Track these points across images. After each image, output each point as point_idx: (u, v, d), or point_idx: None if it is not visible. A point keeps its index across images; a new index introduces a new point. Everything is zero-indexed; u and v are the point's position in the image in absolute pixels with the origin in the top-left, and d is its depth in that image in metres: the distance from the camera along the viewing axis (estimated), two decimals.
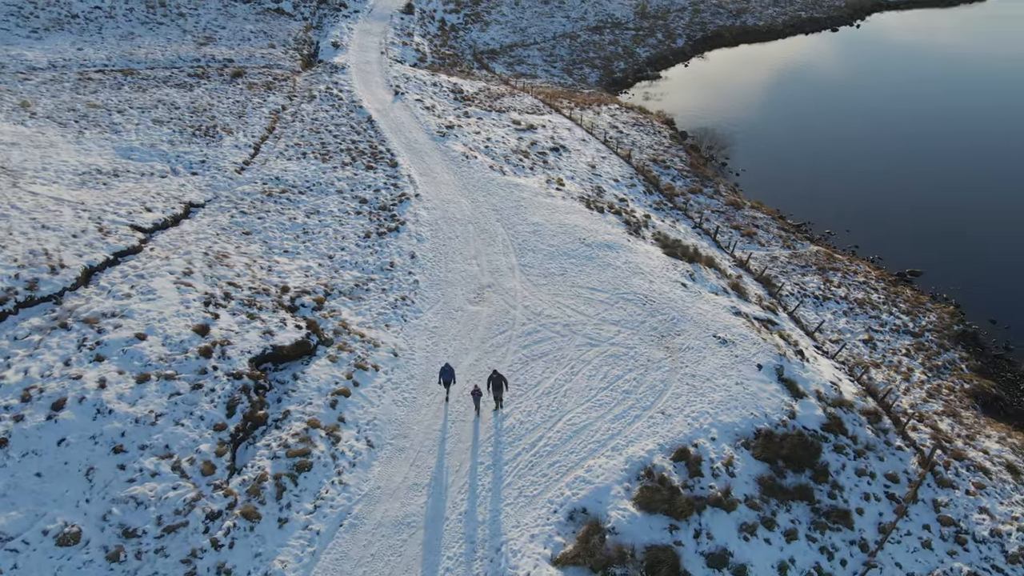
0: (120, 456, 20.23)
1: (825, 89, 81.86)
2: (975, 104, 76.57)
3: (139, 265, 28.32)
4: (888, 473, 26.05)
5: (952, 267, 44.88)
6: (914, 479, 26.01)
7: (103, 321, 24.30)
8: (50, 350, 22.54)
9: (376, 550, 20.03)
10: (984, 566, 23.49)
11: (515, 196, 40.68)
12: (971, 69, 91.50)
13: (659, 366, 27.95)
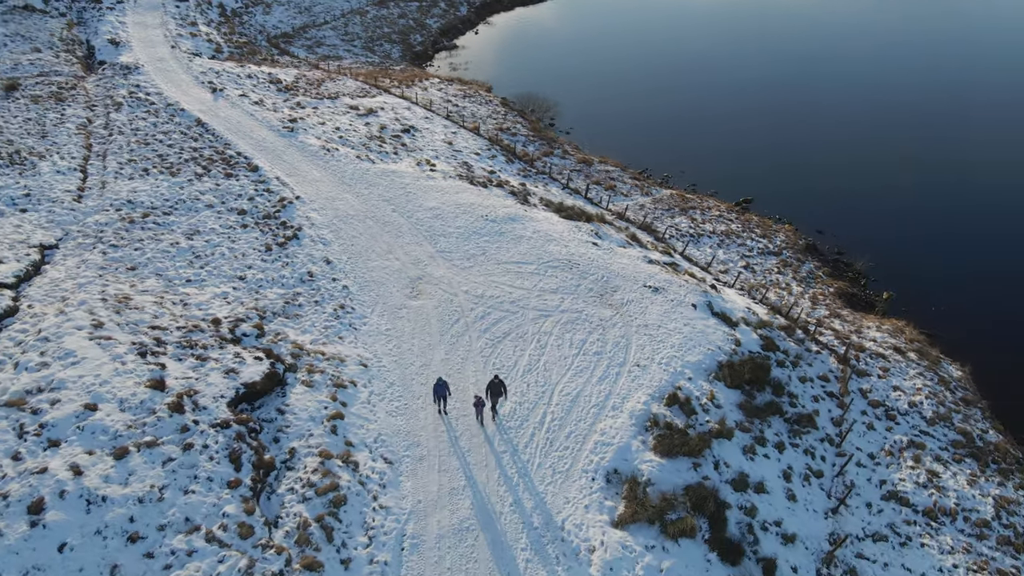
0: (141, 544, 17.60)
1: (617, 41, 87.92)
2: (763, 42, 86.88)
3: (29, 328, 24.03)
4: (820, 375, 30.20)
5: (775, 189, 51.62)
6: (839, 376, 30.41)
7: (32, 400, 20.52)
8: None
9: (450, 562, 19.57)
10: (914, 432, 28.39)
11: (397, 184, 39.69)
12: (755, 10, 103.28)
13: (613, 323, 29.55)
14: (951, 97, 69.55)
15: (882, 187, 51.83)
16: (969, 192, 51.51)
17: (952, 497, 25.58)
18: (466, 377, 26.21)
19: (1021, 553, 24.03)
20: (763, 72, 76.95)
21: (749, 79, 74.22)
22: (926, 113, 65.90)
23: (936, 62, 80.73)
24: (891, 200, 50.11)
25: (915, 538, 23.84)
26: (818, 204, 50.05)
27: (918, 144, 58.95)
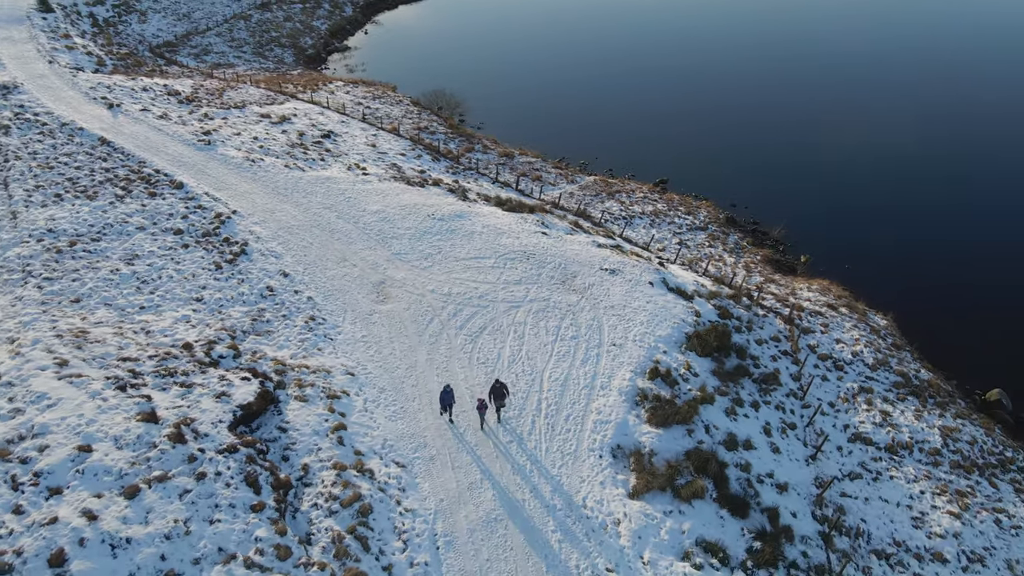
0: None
1: (509, 34, 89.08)
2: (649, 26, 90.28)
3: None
4: (772, 336, 32.53)
5: (685, 168, 54.45)
6: (788, 335, 32.88)
7: (16, 449, 19.12)
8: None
9: (487, 554, 19.93)
10: (861, 379, 31.20)
11: (335, 190, 39.04)
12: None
13: (581, 307, 30.61)
14: (840, 66, 75.55)
15: (785, 159, 55.81)
16: (863, 157, 56.33)
17: (905, 432, 28.42)
18: (455, 374, 26.45)
19: (971, 473, 27.08)
20: (660, 55, 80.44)
21: (648, 64, 77.43)
22: (818, 87, 71.27)
23: (828, 35, 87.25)
24: (794, 170, 54.07)
25: (884, 472, 26.37)
26: (728, 179, 53.20)
27: (811, 116, 63.80)
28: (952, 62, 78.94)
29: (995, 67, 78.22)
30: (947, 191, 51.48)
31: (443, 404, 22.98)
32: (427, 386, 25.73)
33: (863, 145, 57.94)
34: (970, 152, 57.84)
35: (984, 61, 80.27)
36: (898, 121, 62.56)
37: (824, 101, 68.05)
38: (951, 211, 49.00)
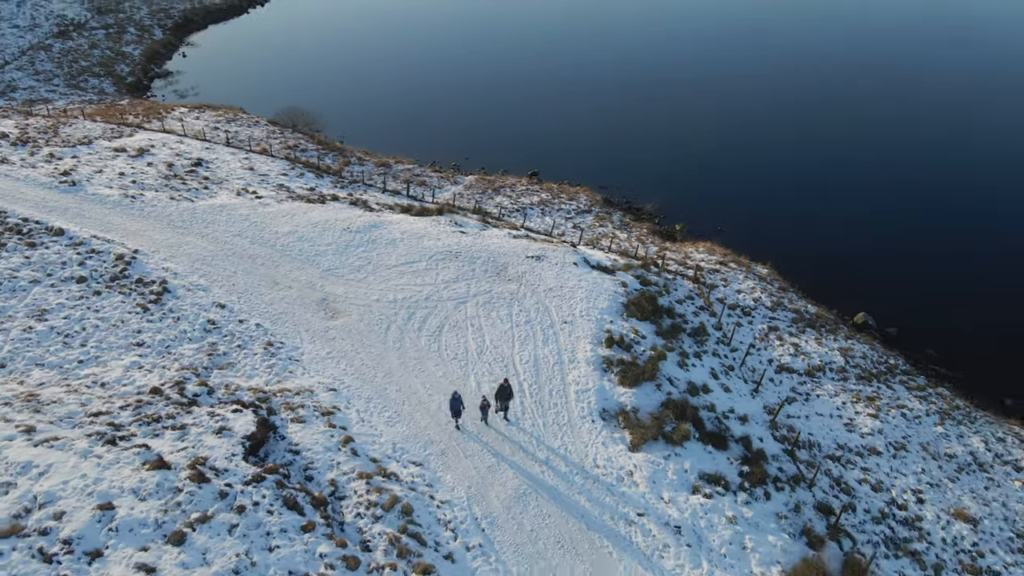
0: None
1: (336, 44, 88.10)
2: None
3: None
4: (686, 296, 36.29)
5: (552, 158, 57.82)
6: (698, 293, 36.82)
7: (30, 522, 17.77)
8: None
9: (530, 525, 21.28)
10: (767, 320, 35.76)
11: (236, 216, 37.81)
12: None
13: (522, 294, 32.48)
14: (676, 42, 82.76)
15: (640, 138, 60.95)
16: (710, 127, 62.79)
17: (815, 357, 33.17)
18: (432, 373, 27.26)
19: (871, 381, 32.27)
20: (501, 52, 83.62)
21: (491, 61, 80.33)
22: (661, 66, 77.73)
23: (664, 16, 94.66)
24: (651, 147, 59.30)
25: (811, 393, 30.76)
26: (592, 163, 57.25)
27: (656, 94, 69.81)
28: (789, 45, 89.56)
29: (822, 37, 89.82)
30: (785, 152, 59.01)
31: (452, 411, 23.67)
32: (410, 388, 26.35)
33: (709, 118, 64.65)
34: (796, 117, 66.51)
35: (824, 42, 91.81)
36: (738, 93, 70.34)
37: (664, 79, 74.65)
38: (792, 167, 56.37)
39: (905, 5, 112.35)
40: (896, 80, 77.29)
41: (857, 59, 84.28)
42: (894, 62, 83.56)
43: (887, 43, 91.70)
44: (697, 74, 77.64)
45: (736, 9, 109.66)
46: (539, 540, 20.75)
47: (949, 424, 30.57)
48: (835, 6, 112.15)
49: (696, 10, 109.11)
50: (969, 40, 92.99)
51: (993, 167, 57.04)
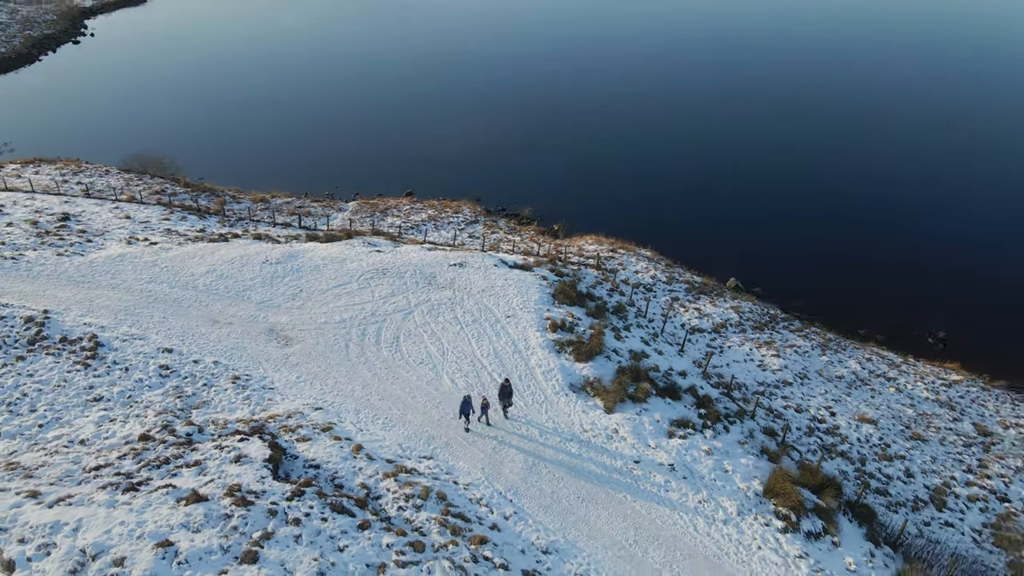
0: None
1: (162, 78, 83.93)
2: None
3: None
4: (596, 281, 40.17)
5: (422, 177, 60.09)
6: (604, 278, 40.90)
7: (90, 574, 17.65)
8: None
9: (550, 488, 23.57)
10: (668, 292, 40.51)
11: (142, 263, 36.52)
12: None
13: (460, 298, 34.68)
14: (531, 53, 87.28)
15: (498, 148, 64.73)
16: (562, 125, 67.84)
17: (716, 317, 38.30)
18: (406, 378, 28.66)
19: (763, 330, 37.87)
20: (341, 77, 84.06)
21: (333, 85, 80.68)
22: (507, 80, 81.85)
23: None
24: (510, 157, 63.27)
25: (724, 345, 35.64)
26: (461, 176, 60.20)
27: (511, 101, 73.94)
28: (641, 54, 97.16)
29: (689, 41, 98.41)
30: (645, 147, 65.39)
31: (463, 412, 25.21)
32: (391, 395, 27.63)
33: (563, 123, 69.86)
34: (632, 113, 73.55)
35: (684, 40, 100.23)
36: (589, 95, 76.29)
37: (521, 92, 79.19)
38: (650, 157, 62.74)
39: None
40: (732, 81, 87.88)
41: (693, 64, 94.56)
42: (713, 65, 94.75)
43: (735, 50, 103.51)
44: (550, 81, 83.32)
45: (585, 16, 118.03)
46: (561, 499, 23.14)
47: (830, 354, 36.76)
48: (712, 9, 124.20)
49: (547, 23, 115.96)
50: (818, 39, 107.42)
51: (811, 156, 67.25)
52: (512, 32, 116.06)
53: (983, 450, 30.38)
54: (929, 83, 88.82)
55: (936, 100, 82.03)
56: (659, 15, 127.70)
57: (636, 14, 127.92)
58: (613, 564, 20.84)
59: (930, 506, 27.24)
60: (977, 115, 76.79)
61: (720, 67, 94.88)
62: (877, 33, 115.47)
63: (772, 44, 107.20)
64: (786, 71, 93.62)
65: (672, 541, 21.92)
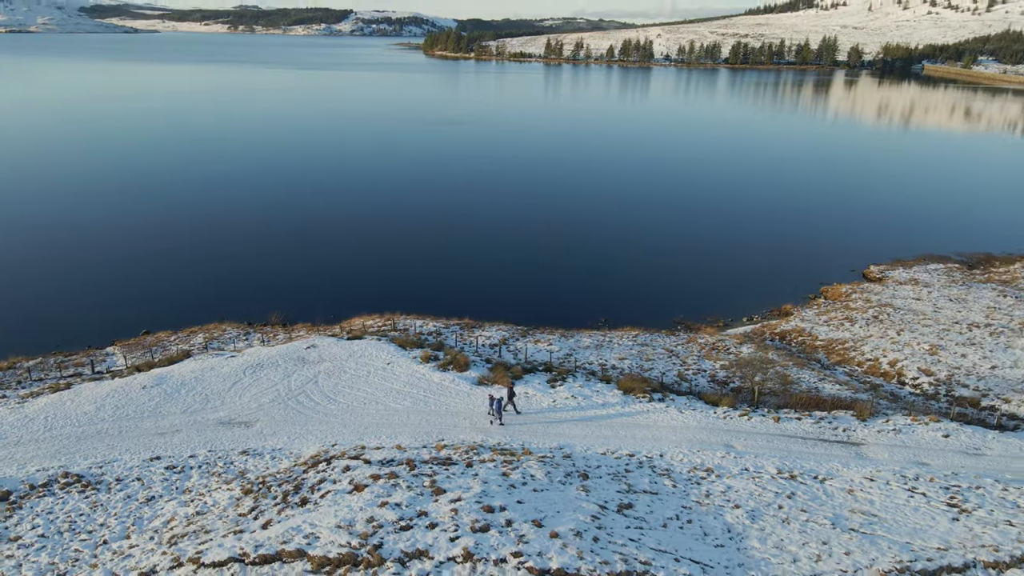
0: None
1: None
2: None
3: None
4: (412, 334, 53.04)
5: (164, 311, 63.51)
6: (405, 331, 53.98)
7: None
8: None
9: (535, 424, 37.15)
10: (456, 330, 55.51)
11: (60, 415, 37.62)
12: None
13: (342, 363, 44.82)
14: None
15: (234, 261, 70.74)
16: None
17: (494, 336, 54.64)
18: (368, 413, 38.51)
19: (528, 334, 55.53)
20: None
21: None
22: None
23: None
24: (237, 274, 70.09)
25: (529, 343, 52.17)
26: (197, 301, 65.18)
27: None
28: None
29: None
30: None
31: (496, 409, 36.39)
32: (374, 424, 37.36)
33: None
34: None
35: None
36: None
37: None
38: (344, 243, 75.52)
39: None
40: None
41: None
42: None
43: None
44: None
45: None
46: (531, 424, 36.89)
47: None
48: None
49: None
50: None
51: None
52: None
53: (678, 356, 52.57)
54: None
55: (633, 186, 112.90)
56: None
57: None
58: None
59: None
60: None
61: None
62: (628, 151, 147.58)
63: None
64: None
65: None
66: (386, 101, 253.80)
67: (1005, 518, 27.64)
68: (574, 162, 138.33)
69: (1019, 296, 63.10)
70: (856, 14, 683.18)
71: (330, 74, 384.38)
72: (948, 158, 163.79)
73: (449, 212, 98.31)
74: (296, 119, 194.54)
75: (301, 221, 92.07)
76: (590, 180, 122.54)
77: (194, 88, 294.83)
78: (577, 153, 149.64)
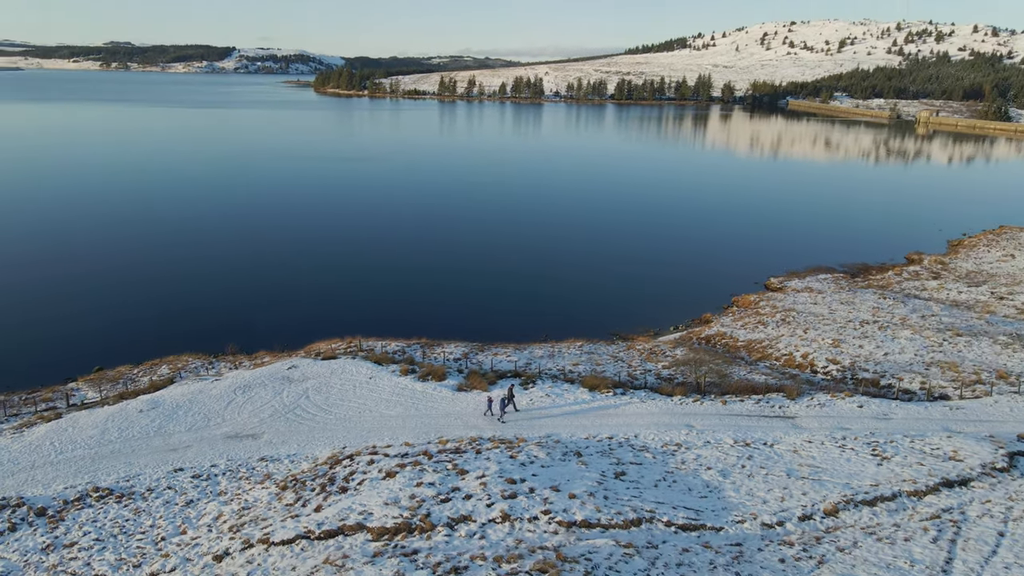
0: None
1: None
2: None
3: None
4: (378, 352, 56.50)
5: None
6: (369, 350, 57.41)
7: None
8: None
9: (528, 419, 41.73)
10: (421, 348, 59.45)
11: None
12: None
13: (326, 380, 48.00)
14: None
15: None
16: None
17: (454, 351, 58.90)
18: (365, 419, 42.00)
19: (486, 348, 60.11)
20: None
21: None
22: None
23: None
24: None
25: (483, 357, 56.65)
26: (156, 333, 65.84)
27: None
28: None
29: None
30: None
31: (500, 406, 40.61)
32: (378, 427, 40.88)
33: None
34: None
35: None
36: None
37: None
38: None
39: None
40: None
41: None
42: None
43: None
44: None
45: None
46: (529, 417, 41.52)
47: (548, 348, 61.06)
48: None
49: None
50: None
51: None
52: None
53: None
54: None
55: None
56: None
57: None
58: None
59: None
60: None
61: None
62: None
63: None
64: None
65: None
66: (298, 135, 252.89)
67: (916, 461, 34.62)
68: (499, 195, 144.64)
69: (896, 297, 73.32)
70: (725, 54, 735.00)
71: (228, 112, 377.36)
72: (818, 182, 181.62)
73: (392, 239, 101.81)
74: (206, 157, 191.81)
75: (240, 255, 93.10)
76: (516, 209, 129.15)
77: (89, 125, 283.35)
78: (500, 185, 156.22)
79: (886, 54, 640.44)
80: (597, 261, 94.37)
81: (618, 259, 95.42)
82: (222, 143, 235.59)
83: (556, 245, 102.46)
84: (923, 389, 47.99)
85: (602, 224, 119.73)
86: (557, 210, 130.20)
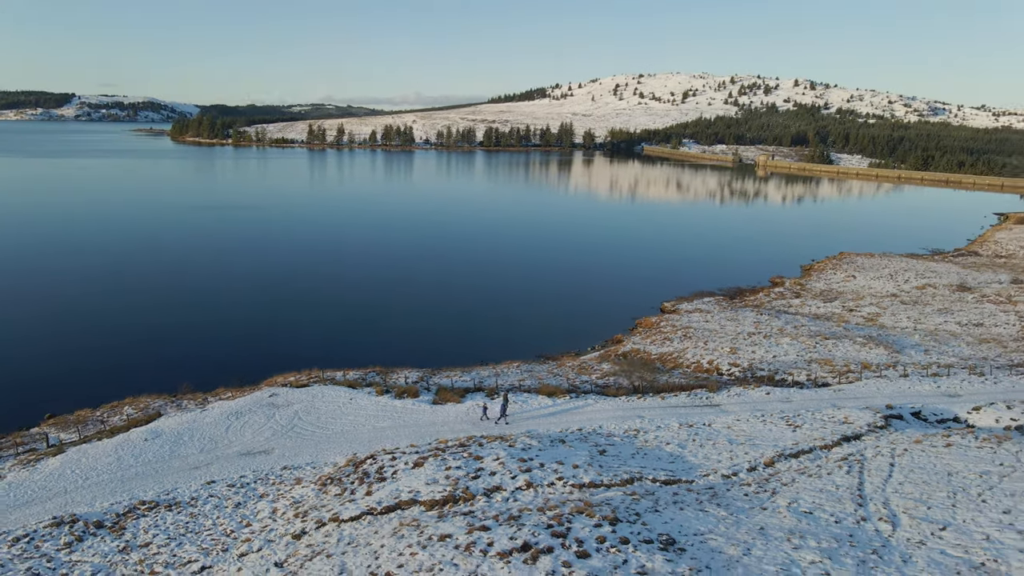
0: None
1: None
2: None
3: None
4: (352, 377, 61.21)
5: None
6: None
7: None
8: None
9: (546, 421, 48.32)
10: (415, 373, 64.56)
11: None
12: None
13: (310, 404, 52.63)
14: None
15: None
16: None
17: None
18: (362, 432, 47.21)
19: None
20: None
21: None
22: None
23: None
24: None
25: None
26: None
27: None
28: None
29: None
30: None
31: (498, 412, 46.48)
32: (383, 438, 46.20)
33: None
34: None
35: None
36: None
37: None
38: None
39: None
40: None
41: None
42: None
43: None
44: None
45: None
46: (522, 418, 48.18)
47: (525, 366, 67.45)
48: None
49: None
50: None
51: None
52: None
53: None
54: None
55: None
56: None
57: None
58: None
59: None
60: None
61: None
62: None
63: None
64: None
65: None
66: (174, 183, 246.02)
67: (820, 426, 44.57)
68: (411, 237, 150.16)
69: (770, 313, 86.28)
70: (582, 103, 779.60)
71: (84, 161, 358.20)
72: (684, 219, 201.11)
73: (325, 275, 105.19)
74: (60, 212, 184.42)
75: (171, 299, 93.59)
76: (428, 249, 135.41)
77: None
78: (410, 230, 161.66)
79: (724, 104, 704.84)
80: (515, 294, 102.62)
81: (526, 293, 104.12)
82: (78, 193, 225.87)
83: (468, 281, 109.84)
84: (809, 380, 59.14)
85: (501, 263, 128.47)
86: (462, 250, 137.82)
